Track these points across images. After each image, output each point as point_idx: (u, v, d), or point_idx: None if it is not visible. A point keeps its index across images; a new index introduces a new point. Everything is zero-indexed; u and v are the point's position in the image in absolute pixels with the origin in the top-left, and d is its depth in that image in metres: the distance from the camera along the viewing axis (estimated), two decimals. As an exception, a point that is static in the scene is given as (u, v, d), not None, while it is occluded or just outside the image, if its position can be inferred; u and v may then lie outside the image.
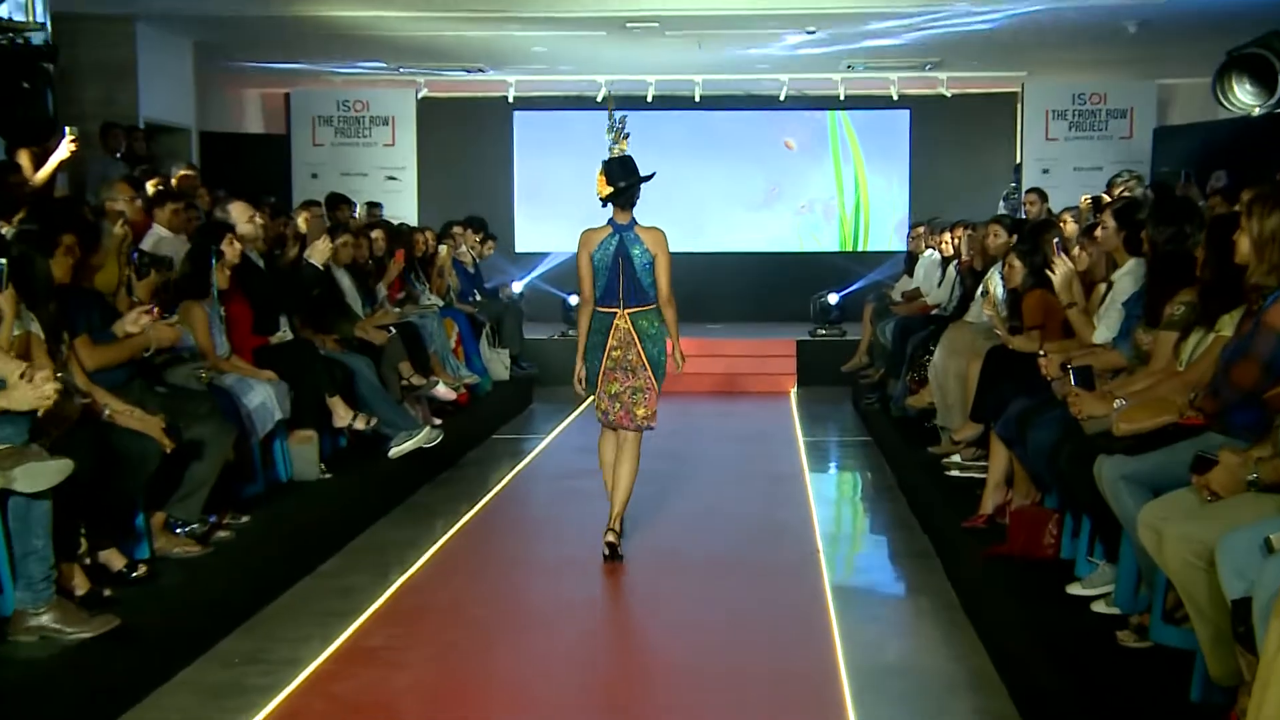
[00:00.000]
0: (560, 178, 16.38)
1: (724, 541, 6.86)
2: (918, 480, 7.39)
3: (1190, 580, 3.47)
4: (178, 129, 12.49)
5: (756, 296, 16.29)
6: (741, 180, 16.46)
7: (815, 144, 16.57)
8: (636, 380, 6.31)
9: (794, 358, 13.49)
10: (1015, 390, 5.87)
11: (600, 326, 6.33)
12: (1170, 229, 5.00)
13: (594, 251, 6.29)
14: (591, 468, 6.55)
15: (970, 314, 8.07)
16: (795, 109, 16.19)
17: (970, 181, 15.83)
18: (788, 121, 16.47)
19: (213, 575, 5.31)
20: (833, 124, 16.56)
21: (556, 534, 7.16)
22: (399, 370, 8.49)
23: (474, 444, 9.75)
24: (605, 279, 6.27)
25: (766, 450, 9.78)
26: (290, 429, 6.80)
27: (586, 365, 6.40)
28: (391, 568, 6.26)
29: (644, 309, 6.27)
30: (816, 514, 7.46)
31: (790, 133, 16.51)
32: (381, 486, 7.55)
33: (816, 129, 16.57)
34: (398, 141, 15.17)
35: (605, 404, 6.39)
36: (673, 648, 5.18)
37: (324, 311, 8.02)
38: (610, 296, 6.28)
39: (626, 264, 6.22)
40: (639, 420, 6.35)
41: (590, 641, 5.30)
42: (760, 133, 16.53)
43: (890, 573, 6.56)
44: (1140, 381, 4.71)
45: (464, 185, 16.06)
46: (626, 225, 6.26)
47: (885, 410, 9.41)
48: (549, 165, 16.50)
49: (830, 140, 16.60)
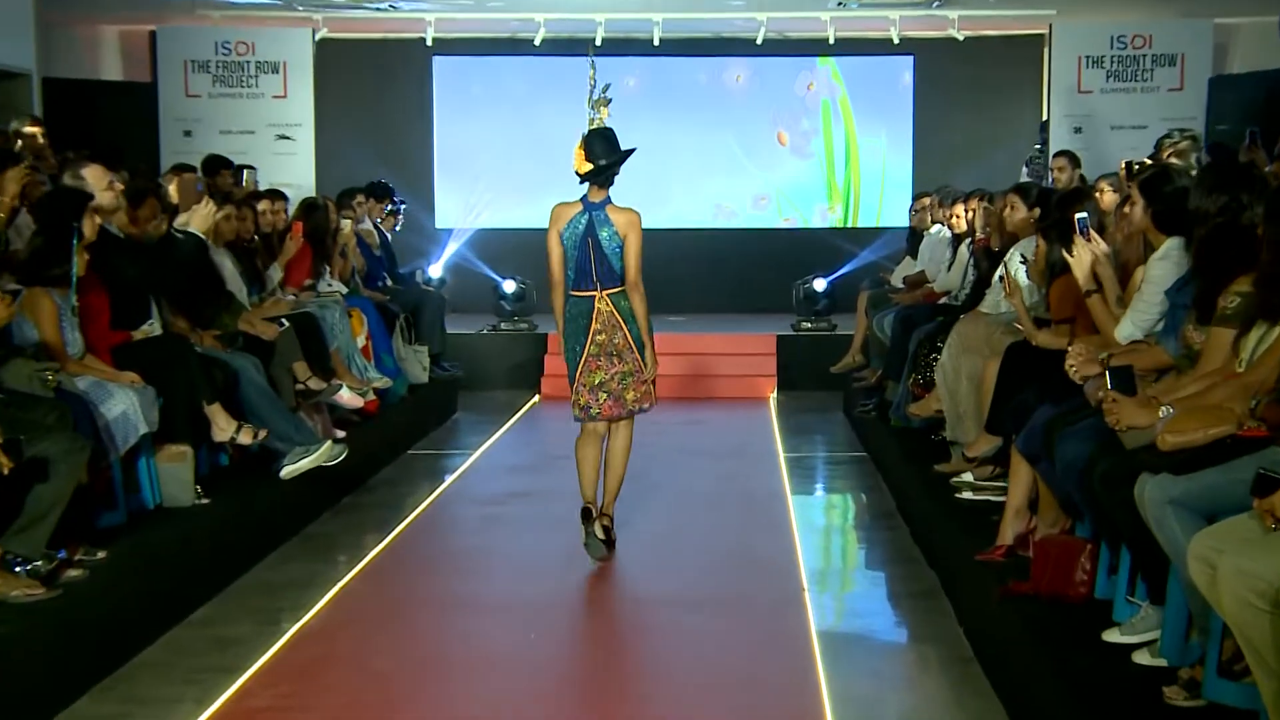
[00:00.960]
0: (490, 138, 16.35)
1: (690, 578, 6.86)
2: (922, 505, 7.42)
3: (1251, 625, 3.49)
4: (14, 74, 12.34)
5: (728, 282, 16.33)
6: (710, 142, 16.50)
7: (799, 98, 16.62)
8: (624, 365, 6.91)
9: (773, 356, 13.53)
10: (1040, 396, 5.90)
11: (579, 311, 6.90)
12: (1222, 198, 4.95)
13: (564, 229, 6.89)
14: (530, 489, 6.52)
15: (986, 303, 8.11)
16: (775, 55, 16.24)
17: (987, 143, 15.94)
18: (766, 70, 16.51)
19: (61, 624, 5.24)
20: (822, 74, 16.61)
21: (484, 571, 7.14)
22: (293, 372, 8.44)
23: (385, 462, 9.71)
24: (576, 259, 6.86)
25: (741, 468, 9.80)
26: (158, 444, 6.74)
27: (566, 358, 6.98)
28: (282, 613, 6.22)
29: (621, 289, 6.87)
30: (801, 545, 7.48)
31: (769, 83, 16.55)
32: (271, 514, 7.50)
33: (801, 80, 16.62)
34: (291, 93, 15.06)
35: (586, 397, 6.93)
36: (626, 708, 5.17)
37: (201, 300, 7.96)
38: (584, 278, 6.87)
39: (595, 245, 6.80)
40: (629, 405, 6.96)
41: (524, 699, 5.27)
42: (733, 84, 16.56)
43: (889, 616, 6.58)
44: (1191, 385, 4.74)
45: (372, 147, 15.99)
46: (599, 204, 6.85)
47: (883, 420, 9.45)
48: (476, 123, 16.46)
49: (818, 94, 16.65)
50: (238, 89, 15.03)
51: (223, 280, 8.39)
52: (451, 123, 16.60)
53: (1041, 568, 5.34)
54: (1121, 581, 4.95)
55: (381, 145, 16.12)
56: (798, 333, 13.93)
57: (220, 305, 8.19)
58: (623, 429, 7.08)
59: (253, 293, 8.84)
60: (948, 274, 10.05)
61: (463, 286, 14.95)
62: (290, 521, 7.75)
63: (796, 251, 15.83)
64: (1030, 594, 5.29)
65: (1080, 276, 5.93)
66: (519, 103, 16.33)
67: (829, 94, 16.63)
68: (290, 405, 8.17)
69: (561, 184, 7.50)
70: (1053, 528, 5.78)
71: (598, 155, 6.79)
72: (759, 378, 13.38)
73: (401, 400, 10.58)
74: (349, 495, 8.67)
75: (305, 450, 7.62)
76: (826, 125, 16.68)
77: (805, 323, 14.05)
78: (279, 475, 7.57)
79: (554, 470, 9.61)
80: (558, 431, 11.45)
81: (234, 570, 6.85)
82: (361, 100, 16.35)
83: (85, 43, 15.34)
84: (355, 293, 10.72)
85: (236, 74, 15.03)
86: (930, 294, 10.24)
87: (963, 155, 15.81)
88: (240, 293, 8.58)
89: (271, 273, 9.33)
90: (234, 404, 7.47)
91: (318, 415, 8.74)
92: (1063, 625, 4.97)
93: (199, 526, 6.68)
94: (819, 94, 16.62)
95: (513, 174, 16.24)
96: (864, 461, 9.83)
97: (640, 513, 8.07)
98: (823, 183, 16.75)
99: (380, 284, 11.65)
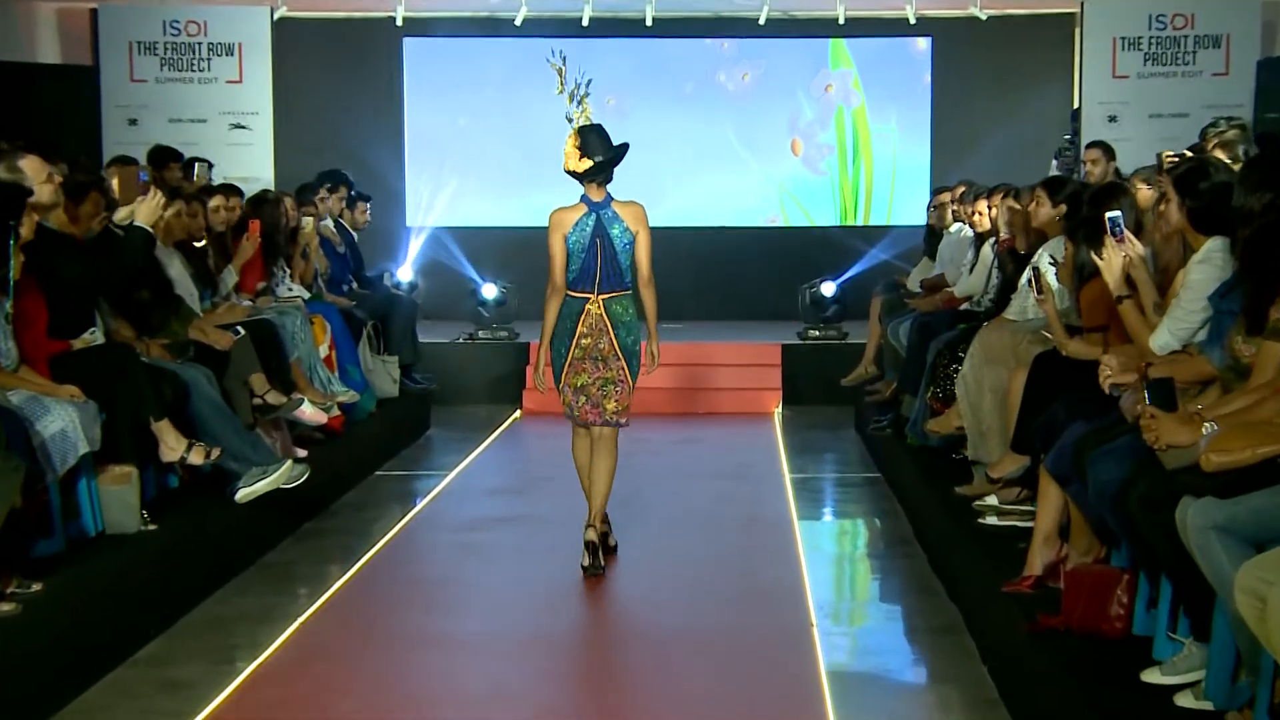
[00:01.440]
0: (467, 128, 16.37)
1: (687, 612, 6.85)
2: (942, 531, 7.43)
3: (1305, 663, 3.50)
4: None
5: (727, 287, 16.34)
6: (707, 133, 16.52)
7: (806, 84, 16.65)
8: (607, 371, 7.38)
9: (778, 367, 13.54)
10: (1071, 411, 5.90)
11: (569, 312, 7.37)
12: (1267, 195, 4.92)
13: (569, 233, 7.29)
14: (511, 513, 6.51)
15: (1012, 309, 8.11)
16: (779, 36, 16.27)
17: (1012, 133, 15.94)
18: (769, 53, 16.53)
19: (-7, 663, 5.23)
20: (832, 57, 16.63)
21: (460, 605, 7.12)
22: (249, 385, 8.43)
23: (351, 484, 9.70)
24: (580, 262, 7.31)
25: (743, 491, 9.80)
26: (100, 464, 6.72)
27: (552, 355, 7.45)
28: (237, 651, 6.21)
29: (619, 294, 7.37)
30: (809, 575, 7.47)
31: (774, 67, 16.57)
32: (225, 541, 7.49)
33: (808, 64, 16.64)
34: (247, 78, 15.05)
35: (569, 397, 7.45)
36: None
37: (148, 305, 7.95)
38: (584, 281, 7.33)
39: (605, 245, 7.29)
40: (608, 415, 7.39)
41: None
42: (733, 70, 16.58)
43: (906, 653, 6.59)
44: (1237, 400, 4.74)
45: (337, 138, 15.98)
46: (603, 202, 7.33)
47: (899, 437, 9.46)
48: (452, 112, 16.48)
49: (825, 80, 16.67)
50: (188, 73, 15.02)
51: (171, 283, 8.38)
52: (424, 111, 16.60)
53: (1074, 600, 5.34)
54: (1162, 616, 4.95)
55: (347, 136, 16.10)
56: (804, 341, 13.93)
57: (169, 311, 8.19)
58: (604, 447, 7.45)
59: (205, 298, 8.82)
60: (969, 277, 10.04)
61: (436, 291, 14.94)
62: (246, 550, 7.73)
63: (803, 252, 15.85)
64: (1061, 629, 5.29)
65: (1110, 281, 5.92)
66: (499, 89, 16.32)
67: (838, 81, 16.64)
68: (246, 422, 8.15)
69: (546, 179, 7.57)
70: (1086, 556, 5.79)
71: (597, 151, 7.21)
72: (762, 391, 13.38)
73: (369, 416, 10.56)
74: (311, 521, 8.65)
75: (263, 471, 7.60)
76: (838, 115, 16.68)
77: (813, 331, 14.05)
78: (234, 498, 7.54)
79: (538, 493, 9.62)
80: (541, 450, 11.46)
81: (184, 604, 6.82)
82: (325, 86, 16.34)
83: (19, 21, 15.33)
84: (318, 298, 10.70)
85: (187, 57, 15.03)
86: (950, 299, 10.24)
87: (985, 147, 15.81)
88: (191, 297, 8.57)
89: (226, 275, 9.32)
90: (184, 420, 7.44)
91: (276, 433, 8.73)
92: (1097, 664, 4.96)
93: (145, 555, 6.66)
94: (826, 81, 16.63)
95: (492, 167, 16.27)
96: (878, 483, 9.83)
97: (632, 541, 8.06)
98: (831, 177, 16.77)
99: (345, 288, 11.64)
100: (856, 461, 10.79)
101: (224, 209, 9.55)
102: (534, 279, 12.28)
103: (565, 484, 8.74)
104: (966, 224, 10.71)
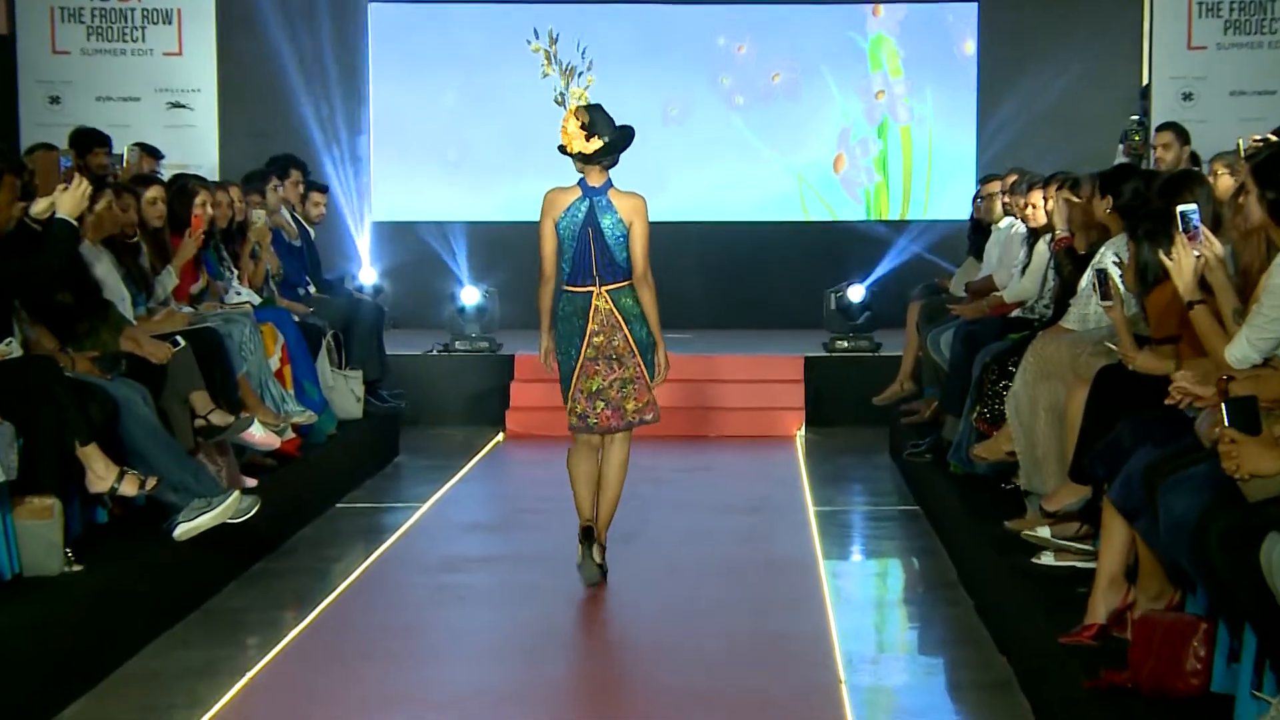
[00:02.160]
0: (441, 108, 16.38)
1: (698, 666, 6.83)
2: (990, 572, 7.43)
3: None
4: None
5: (742, 290, 16.38)
6: (717, 114, 16.52)
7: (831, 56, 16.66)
8: (624, 370, 7.70)
9: (801, 383, 13.55)
10: (1139, 434, 5.91)
11: (574, 309, 7.69)
12: None
13: (559, 218, 7.65)
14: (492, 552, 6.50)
15: (1070, 316, 8.12)
16: (800, 2, 16.29)
17: (1071, 114, 15.98)
18: (790, 21, 16.54)
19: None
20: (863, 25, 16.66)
21: (432, 657, 7.12)
22: (191, 404, 8.43)
23: (308, 518, 9.70)
24: (573, 252, 7.65)
25: (760, 526, 9.80)
26: (17, 496, 6.72)
27: (560, 361, 7.77)
28: (175, 712, 6.18)
29: (624, 284, 7.71)
30: (836, 623, 7.47)
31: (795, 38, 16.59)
32: (162, 585, 7.47)
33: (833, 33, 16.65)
34: (187, 50, 15.10)
35: (583, 405, 7.73)
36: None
37: (73, 311, 7.95)
38: (582, 273, 7.67)
39: (596, 236, 7.63)
40: (629, 415, 7.75)
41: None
42: (746, 41, 16.59)
43: (949, 713, 6.58)
44: (1331, 422, 4.75)
45: (291, 120, 16.02)
46: (600, 188, 7.67)
47: (940, 464, 9.46)
48: (424, 88, 16.50)
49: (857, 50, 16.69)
50: (118, 44, 15.07)
51: (99, 286, 8.37)
52: (392, 89, 16.64)
53: (1143, 653, 5.32)
54: (1245, 671, 4.94)
55: (303, 117, 16.14)
56: (831, 354, 13.95)
57: (97, 318, 8.18)
58: (618, 444, 7.86)
59: (138, 303, 8.82)
60: (1021, 279, 10.06)
61: (406, 295, 14.97)
62: (186, 595, 7.71)
63: (829, 251, 15.90)
64: (1128, 686, 5.28)
65: (1181, 285, 5.92)
66: (479, 63, 16.35)
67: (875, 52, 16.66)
68: (187, 446, 8.16)
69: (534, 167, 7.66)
70: (1156, 602, 5.78)
71: (604, 130, 7.54)
72: (783, 411, 13.40)
73: (329, 439, 10.57)
74: (261, 560, 8.64)
75: (206, 503, 7.58)
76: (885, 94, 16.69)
77: (841, 341, 14.06)
78: (172, 535, 7.51)
79: (522, 528, 9.62)
80: (527, 480, 11.48)
81: (114, 657, 6.79)
82: (278, 60, 16.34)
83: (-74, -14, 15.37)
84: (269, 303, 10.69)
85: (117, 25, 15.07)
86: (999, 305, 10.25)
87: (1040, 129, 15.85)
88: (122, 302, 8.56)
89: (164, 277, 9.31)
90: (115, 445, 7.43)
91: (222, 458, 8.73)
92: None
93: (70, 601, 6.64)
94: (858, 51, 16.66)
95: (471, 153, 16.32)
96: (915, 518, 9.84)
97: (635, 584, 8.07)
98: (862, 163, 16.78)
99: (302, 291, 11.64)
100: (891, 492, 10.79)
101: (160, 201, 9.54)
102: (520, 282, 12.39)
103: (554, 518, 8.77)
104: (1018, 218, 10.73)
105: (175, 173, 10.95)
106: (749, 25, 16.61)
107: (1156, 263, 6.44)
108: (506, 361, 13.59)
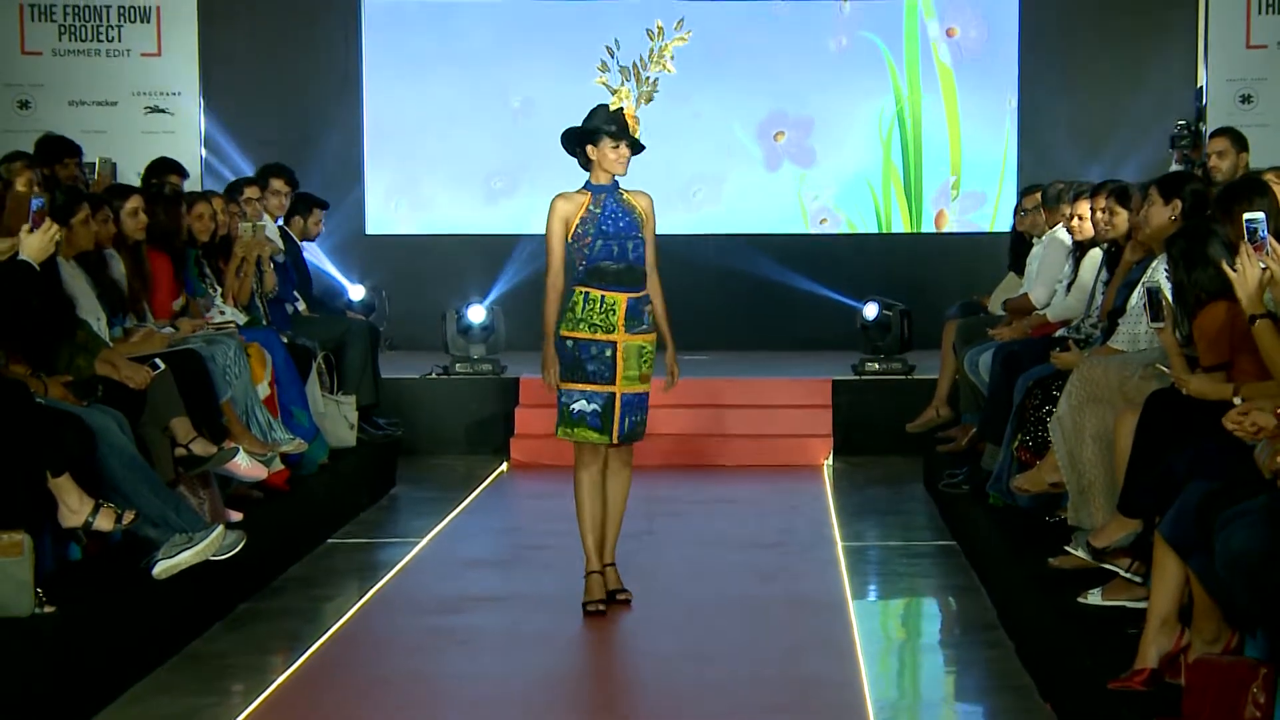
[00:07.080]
0: (440, 113, 16.36)
1: (718, 713, 6.79)
2: (1033, 612, 7.39)
3: None
4: None
5: (764, 308, 16.34)
6: (738, 115, 16.54)
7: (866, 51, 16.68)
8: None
9: (829, 409, 13.50)
10: (1194, 464, 5.90)
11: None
12: None
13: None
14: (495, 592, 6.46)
15: (1119, 337, 8.10)
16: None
17: (1120, 118, 15.95)
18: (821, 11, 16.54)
19: None
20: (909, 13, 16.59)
21: (431, 704, 7.09)
22: (171, 432, 8.42)
23: (297, 554, 9.67)
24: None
25: (785, 563, 9.76)
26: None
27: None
28: (154, 765, 6.19)
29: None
30: (866, 669, 7.43)
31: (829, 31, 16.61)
32: (140, 627, 7.44)
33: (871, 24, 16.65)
34: (167, 50, 15.14)
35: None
36: None
37: (45, 332, 7.94)
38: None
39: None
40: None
41: None
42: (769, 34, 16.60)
43: (990, 768, 6.56)
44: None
45: (278, 125, 16.03)
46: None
47: (978, 496, 9.43)
48: (422, 90, 16.49)
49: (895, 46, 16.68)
50: (93, 44, 15.12)
51: (73, 304, 8.37)
52: (388, 91, 16.63)
53: (1199, 700, 5.31)
54: (1310, 721, 4.92)
55: (291, 123, 16.15)
56: (861, 377, 13.91)
57: (71, 340, 8.18)
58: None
59: (115, 323, 8.81)
60: (1066, 297, 10.06)
61: (404, 314, 14.95)
62: (166, 638, 7.66)
63: (857, 266, 15.85)
64: (1184, 737, 5.26)
65: (1244, 298, 5.90)
66: (482, 62, 16.33)
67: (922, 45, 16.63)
68: (167, 477, 8.15)
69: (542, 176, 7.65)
70: (1212, 645, 5.75)
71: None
72: (809, 439, 13.35)
73: (320, 470, 10.53)
74: (247, 601, 8.62)
75: (187, 539, 7.57)
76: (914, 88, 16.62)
77: (871, 363, 14.01)
78: (151, 573, 7.51)
79: (528, 565, 9.59)
80: (534, 512, 11.45)
81: (89, 705, 6.76)
82: (263, 61, 16.36)
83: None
84: (256, 323, 10.67)
85: (91, 24, 15.12)
86: (1042, 324, 10.23)
87: (1086, 134, 15.83)
88: (98, 322, 8.56)
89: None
90: (90, 476, 7.43)
91: (205, 491, 8.72)
92: (1230, 782, 4.93)
93: (40, 644, 6.63)
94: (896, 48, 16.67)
95: (473, 161, 16.28)
96: (952, 553, 9.80)
97: (650, 626, 8.05)
98: (893, 172, 16.77)
99: (290, 309, 11.63)
100: (925, 526, 10.75)
101: (141, 211, 9.54)
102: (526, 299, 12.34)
103: (562, 554, 8.74)
104: (1063, 230, 10.70)
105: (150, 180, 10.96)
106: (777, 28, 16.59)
107: (1199, 281, 6.45)
108: (511, 385, 13.55)
